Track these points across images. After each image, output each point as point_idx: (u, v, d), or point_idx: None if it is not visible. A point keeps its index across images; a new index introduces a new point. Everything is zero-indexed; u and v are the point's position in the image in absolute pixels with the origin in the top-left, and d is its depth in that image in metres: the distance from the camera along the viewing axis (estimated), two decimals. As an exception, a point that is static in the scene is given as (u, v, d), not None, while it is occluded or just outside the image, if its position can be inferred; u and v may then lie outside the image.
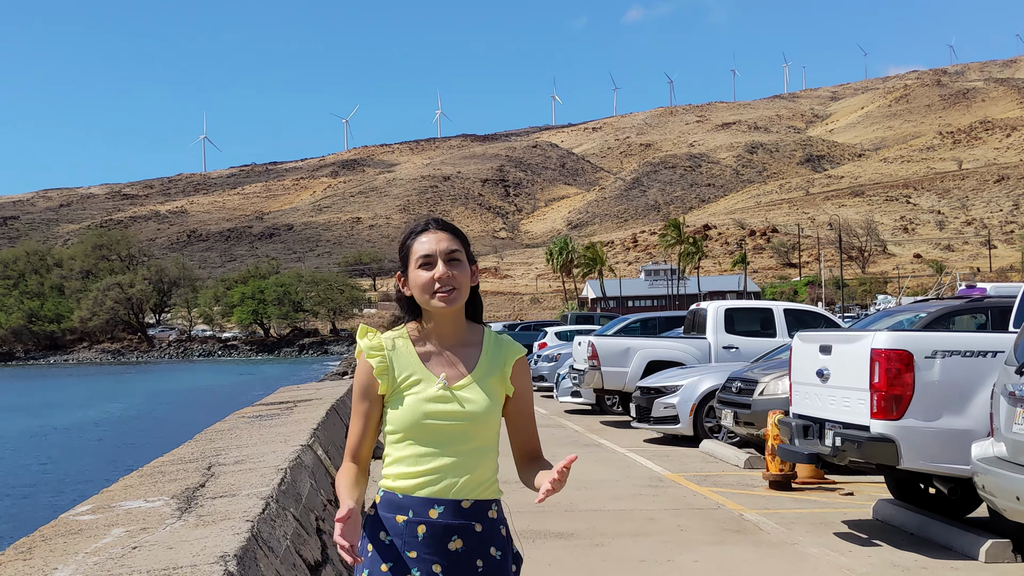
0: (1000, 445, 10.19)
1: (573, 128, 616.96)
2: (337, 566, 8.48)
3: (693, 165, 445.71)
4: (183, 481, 8.56)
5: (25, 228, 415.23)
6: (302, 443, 10.96)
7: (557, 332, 48.21)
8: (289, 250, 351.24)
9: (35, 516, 24.42)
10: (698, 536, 12.50)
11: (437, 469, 4.25)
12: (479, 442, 4.33)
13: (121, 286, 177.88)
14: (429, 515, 4.24)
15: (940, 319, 13.84)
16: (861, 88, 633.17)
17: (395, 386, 4.33)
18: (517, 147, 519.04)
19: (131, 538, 6.01)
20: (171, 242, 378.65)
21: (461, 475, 4.27)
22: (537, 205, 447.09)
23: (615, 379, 27.43)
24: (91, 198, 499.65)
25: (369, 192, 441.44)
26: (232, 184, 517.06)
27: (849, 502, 14.94)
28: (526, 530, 12.66)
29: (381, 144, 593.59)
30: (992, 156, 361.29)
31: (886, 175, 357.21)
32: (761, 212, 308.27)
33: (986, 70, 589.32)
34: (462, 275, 4.34)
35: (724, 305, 27.96)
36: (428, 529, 4.23)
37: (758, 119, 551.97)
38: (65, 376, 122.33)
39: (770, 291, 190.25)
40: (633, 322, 33.69)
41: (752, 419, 18.92)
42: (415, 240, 4.39)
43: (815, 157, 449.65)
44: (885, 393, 11.62)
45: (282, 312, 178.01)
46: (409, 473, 4.28)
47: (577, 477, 17.41)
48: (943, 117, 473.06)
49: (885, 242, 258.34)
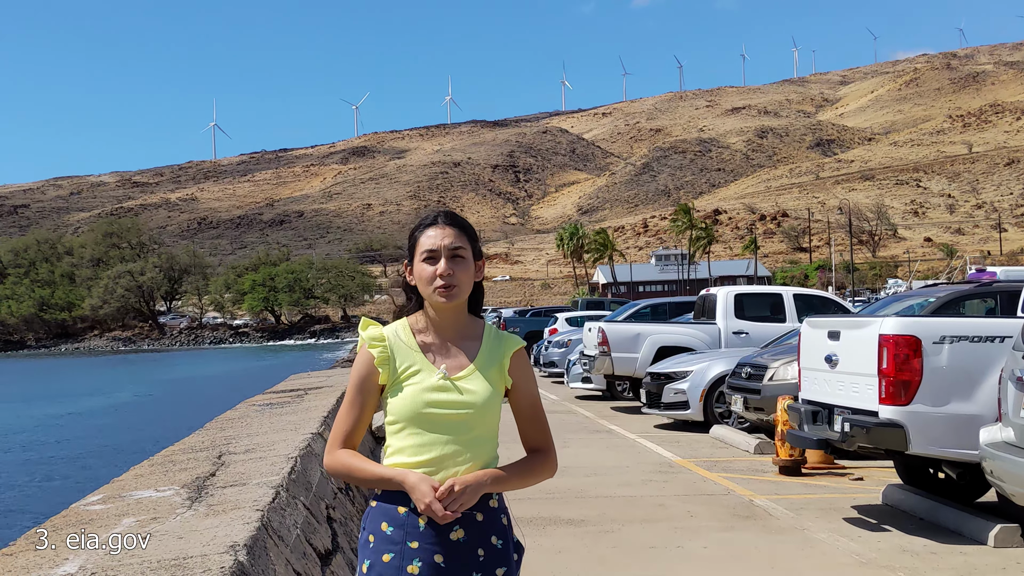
0: (1008, 430, 10.19)
1: (583, 113, 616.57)
2: (347, 555, 8.51)
3: (703, 150, 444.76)
4: (194, 470, 8.58)
5: (36, 216, 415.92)
6: (312, 431, 10.97)
7: (568, 318, 48.14)
8: (300, 237, 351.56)
9: (47, 505, 24.49)
10: (708, 522, 12.52)
11: (437, 459, 4.27)
12: (479, 432, 4.35)
13: (132, 274, 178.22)
14: None
15: (949, 304, 13.80)
16: (871, 72, 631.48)
17: (395, 376, 4.36)
18: (527, 133, 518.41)
19: (141, 528, 6.03)
20: (182, 230, 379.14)
21: (461, 464, 4.28)
22: (547, 191, 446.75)
23: (625, 365, 27.46)
24: (101, 186, 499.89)
25: (379, 178, 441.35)
26: (242, 171, 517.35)
27: (858, 487, 14.95)
28: (536, 517, 12.70)
29: (391, 130, 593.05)
30: (1002, 139, 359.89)
31: (896, 159, 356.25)
32: (771, 197, 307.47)
33: (996, 53, 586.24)
34: (464, 272, 4.37)
35: (734, 290, 27.96)
36: (430, 519, 4.24)
37: (768, 104, 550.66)
38: (76, 364, 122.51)
39: (780, 276, 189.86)
40: (643, 308, 33.69)
41: (762, 404, 18.92)
42: (422, 233, 4.42)
43: (825, 141, 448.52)
44: (893, 379, 11.62)
45: (293, 299, 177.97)
46: (409, 463, 4.29)
47: (587, 463, 17.47)
48: (953, 101, 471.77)
49: (895, 226, 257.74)
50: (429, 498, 4.14)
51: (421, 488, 4.17)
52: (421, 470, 4.27)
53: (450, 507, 4.15)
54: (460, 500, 4.17)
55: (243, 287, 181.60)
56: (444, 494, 4.16)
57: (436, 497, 4.15)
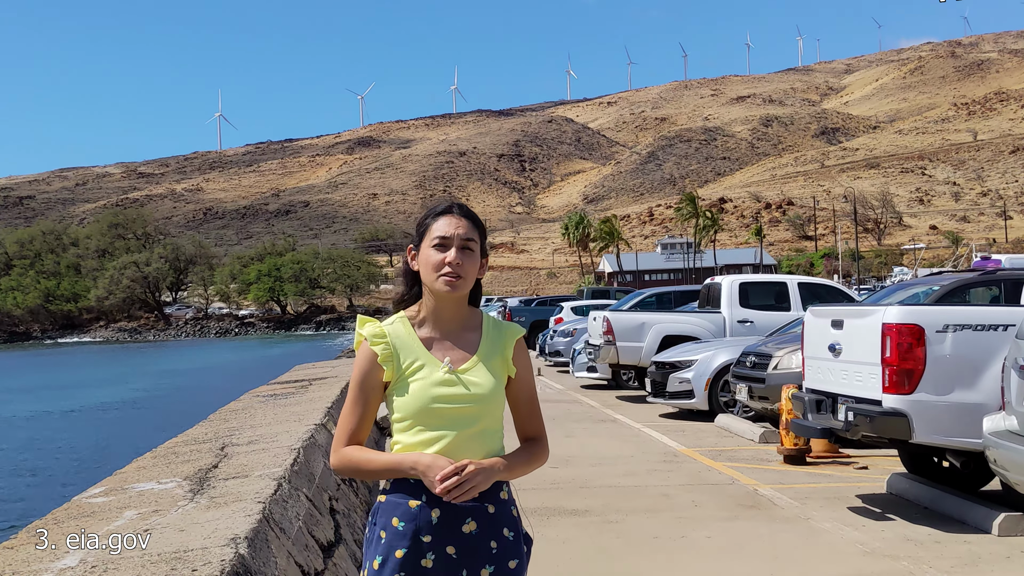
0: (1012, 419, 10.18)
1: (588, 103, 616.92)
2: (350, 546, 8.51)
3: (708, 139, 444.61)
4: (196, 462, 8.58)
5: (41, 208, 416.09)
6: (316, 422, 10.96)
7: (573, 307, 48.13)
8: (305, 227, 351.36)
9: (50, 497, 24.51)
10: (712, 512, 12.51)
11: (447, 452, 4.24)
12: (486, 423, 4.33)
13: (137, 265, 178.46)
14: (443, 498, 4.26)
15: (953, 292, 13.79)
16: (875, 60, 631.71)
17: (400, 372, 4.33)
18: (532, 122, 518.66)
19: (143, 521, 6.03)
20: (187, 220, 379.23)
21: (472, 457, 4.25)
22: (553, 180, 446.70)
23: (630, 354, 27.45)
24: (107, 177, 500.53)
25: (385, 168, 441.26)
26: (248, 161, 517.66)
27: (863, 476, 14.94)
28: (540, 508, 12.70)
29: (397, 120, 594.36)
30: (1007, 127, 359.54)
31: (901, 147, 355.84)
32: (776, 185, 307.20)
33: (1000, 41, 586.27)
34: (471, 264, 4.35)
35: (738, 279, 27.89)
36: (442, 512, 4.23)
37: (773, 92, 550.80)
38: (82, 355, 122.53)
39: (786, 264, 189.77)
40: (648, 297, 33.63)
41: (766, 393, 18.93)
42: (435, 220, 4.39)
43: (830, 129, 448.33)
44: (897, 367, 11.61)
45: (299, 289, 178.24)
46: None
47: (593, 453, 17.45)
48: (958, 88, 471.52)
49: (901, 214, 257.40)
50: (449, 468, 4.12)
51: (438, 463, 4.16)
52: None
53: (464, 486, 4.14)
54: (474, 482, 4.15)
55: (249, 277, 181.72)
56: (459, 469, 4.14)
57: (450, 473, 4.13)
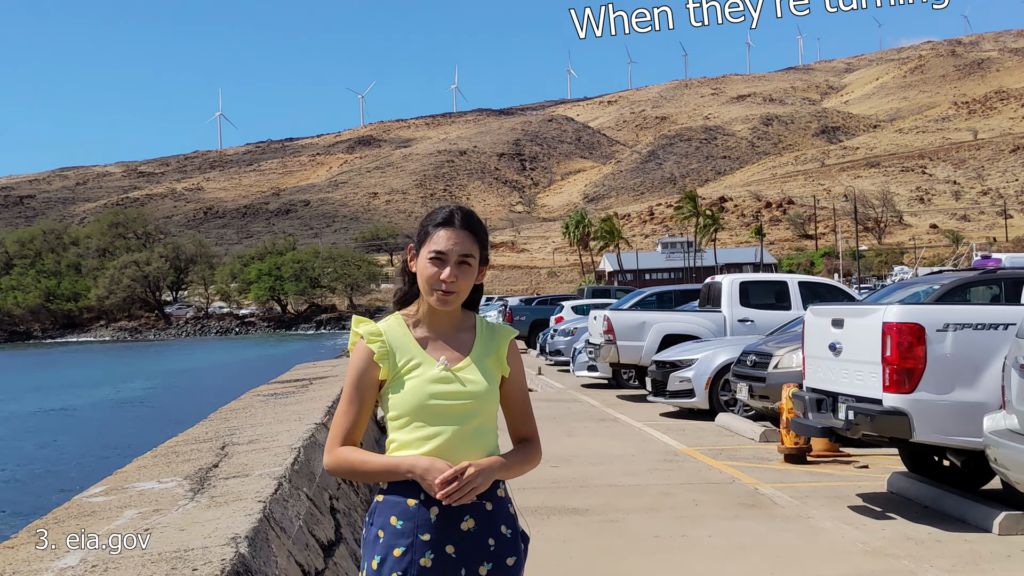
0: (1012, 418, 10.18)
1: (588, 101, 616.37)
2: (351, 545, 8.50)
3: (708, 138, 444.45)
4: (196, 461, 8.58)
5: (41, 207, 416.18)
6: (316, 421, 10.96)
7: (574, 306, 48.17)
8: (306, 226, 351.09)
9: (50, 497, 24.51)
10: (712, 511, 12.52)
11: (443, 450, 4.25)
12: (481, 421, 4.35)
13: (138, 264, 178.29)
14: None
15: (953, 291, 13.79)
16: (876, 59, 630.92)
17: (396, 371, 4.34)
18: (533, 121, 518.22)
19: (143, 520, 6.03)
20: (187, 219, 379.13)
21: (468, 454, 4.27)
22: (553, 179, 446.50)
23: (631, 353, 27.44)
24: (107, 176, 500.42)
25: (385, 167, 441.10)
26: (248, 161, 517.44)
27: (864, 475, 14.96)
28: (541, 507, 12.70)
29: (397, 119, 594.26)
30: (1007, 126, 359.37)
31: (901, 146, 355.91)
32: (777, 184, 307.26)
33: (1000, 40, 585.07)
34: (466, 280, 4.35)
35: (739, 278, 27.89)
36: (441, 511, 4.24)
37: (773, 91, 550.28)
38: (82, 355, 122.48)
39: (786, 263, 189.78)
40: (649, 296, 33.62)
41: (767, 392, 18.95)
42: (436, 230, 4.36)
43: (830, 128, 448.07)
44: (897, 366, 11.62)
45: (299, 288, 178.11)
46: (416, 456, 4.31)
47: (593, 452, 17.47)
48: (958, 87, 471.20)
49: (901, 213, 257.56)
50: (448, 472, 4.13)
51: (437, 465, 4.17)
52: None
53: (464, 489, 4.15)
54: (474, 483, 4.16)
55: (249, 277, 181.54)
56: (459, 472, 4.15)
57: (449, 477, 4.14)
